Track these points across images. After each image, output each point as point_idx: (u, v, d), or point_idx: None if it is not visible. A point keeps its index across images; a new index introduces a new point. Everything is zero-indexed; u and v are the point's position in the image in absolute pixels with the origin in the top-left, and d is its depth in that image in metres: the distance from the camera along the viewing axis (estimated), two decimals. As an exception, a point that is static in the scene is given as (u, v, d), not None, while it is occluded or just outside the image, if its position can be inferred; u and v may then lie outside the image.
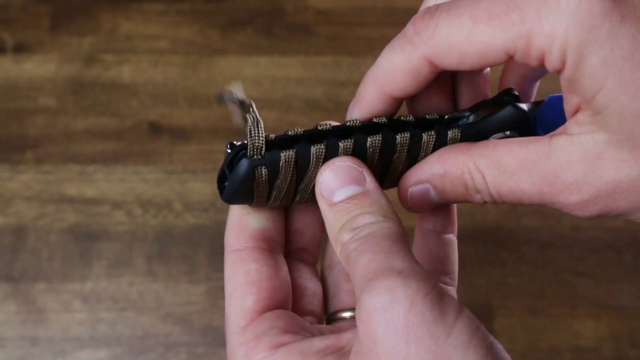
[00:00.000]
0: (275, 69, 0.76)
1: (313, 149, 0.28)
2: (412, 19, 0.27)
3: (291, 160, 0.28)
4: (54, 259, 0.69)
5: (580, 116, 0.25)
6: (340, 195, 0.27)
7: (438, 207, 0.32)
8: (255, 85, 0.75)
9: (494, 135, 0.29)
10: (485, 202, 0.28)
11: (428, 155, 0.29)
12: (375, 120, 0.29)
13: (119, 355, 0.66)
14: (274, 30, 0.78)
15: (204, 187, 0.70)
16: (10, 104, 0.74)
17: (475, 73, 0.31)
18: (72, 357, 0.66)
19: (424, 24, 0.26)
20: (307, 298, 0.30)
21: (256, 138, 0.28)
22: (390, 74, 0.28)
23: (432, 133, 0.29)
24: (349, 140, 0.29)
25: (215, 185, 0.30)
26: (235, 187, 0.28)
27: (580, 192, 0.25)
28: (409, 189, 0.30)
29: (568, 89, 0.25)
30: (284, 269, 0.29)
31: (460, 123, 0.30)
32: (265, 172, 0.28)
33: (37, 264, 0.68)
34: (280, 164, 0.28)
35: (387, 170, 0.30)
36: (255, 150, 0.28)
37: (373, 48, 0.76)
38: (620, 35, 0.23)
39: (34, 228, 0.69)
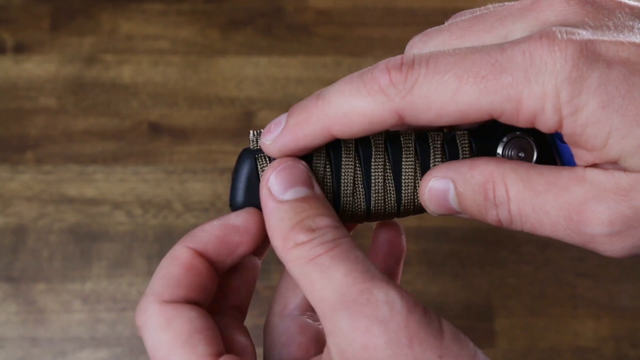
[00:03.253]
0: (275, 69, 0.76)
1: None
2: (384, 66, 0.25)
3: None
4: (54, 259, 0.69)
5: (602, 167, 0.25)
6: (291, 194, 0.26)
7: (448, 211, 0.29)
8: (255, 85, 0.75)
9: (505, 137, 0.29)
10: (499, 224, 0.27)
11: (439, 160, 0.29)
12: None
13: (119, 355, 0.66)
14: (274, 30, 0.78)
15: (204, 187, 0.70)
16: (10, 104, 0.74)
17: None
18: (72, 357, 0.66)
19: (402, 76, 0.25)
20: (237, 353, 0.28)
21: (256, 133, 0.28)
22: (346, 117, 0.26)
23: (439, 134, 0.29)
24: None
25: (215, 185, 0.30)
26: (241, 180, 0.28)
27: (611, 223, 0.24)
28: (432, 179, 0.28)
29: (576, 144, 0.25)
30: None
31: (466, 129, 0.29)
32: (267, 161, 0.28)
33: (37, 264, 0.68)
34: None
35: (400, 184, 0.29)
36: (254, 139, 0.28)
37: (373, 48, 0.76)
38: (612, 78, 0.23)
39: (34, 228, 0.69)
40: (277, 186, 0.26)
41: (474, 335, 0.67)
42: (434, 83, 0.24)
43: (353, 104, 0.26)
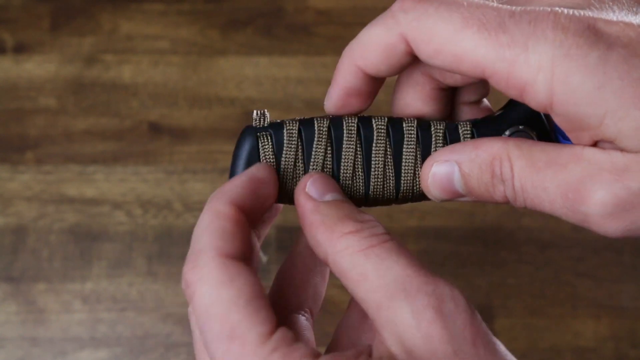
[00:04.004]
0: (275, 69, 0.76)
1: (316, 123, 0.28)
2: None
3: (294, 131, 0.28)
4: (54, 259, 0.69)
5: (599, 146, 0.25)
6: (330, 197, 0.27)
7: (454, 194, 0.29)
8: (255, 85, 0.75)
9: (508, 130, 0.29)
10: (505, 200, 0.27)
11: (440, 147, 0.29)
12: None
13: (119, 355, 0.66)
14: (274, 30, 0.78)
15: (204, 187, 0.70)
16: (10, 104, 0.74)
17: (475, 105, 0.31)
18: (72, 358, 0.66)
19: (413, 4, 0.26)
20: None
21: (259, 113, 0.29)
22: (365, 46, 0.27)
23: (441, 122, 0.29)
24: (353, 118, 0.29)
25: (215, 185, 0.30)
26: (241, 157, 0.28)
27: (604, 203, 0.24)
28: (434, 164, 0.28)
29: (569, 126, 0.25)
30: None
31: (469, 120, 0.29)
32: (268, 138, 0.28)
33: (37, 264, 0.68)
34: (284, 132, 0.28)
35: (399, 170, 0.29)
36: (259, 116, 0.28)
37: (373, 48, 0.76)
38: (611, 59, 0.23)
39: (34, 228, 0.69)
40: (315, 191, 0.27)
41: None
42: (440, 17, 0.25)
43: (370, 33, 0.27)
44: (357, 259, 0.24)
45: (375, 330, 0.25)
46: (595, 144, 0.25)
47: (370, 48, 0.27)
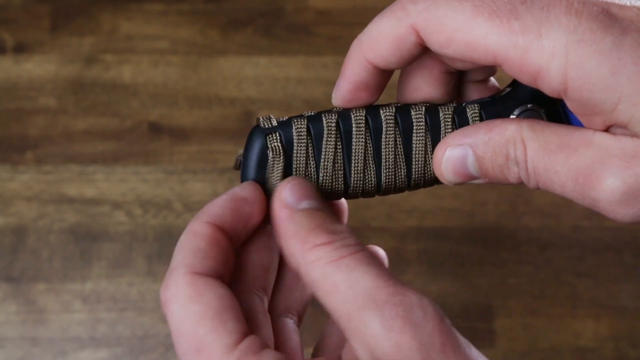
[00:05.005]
0: (275, 69, 0.76)
1: (324, 118, 0.28)
2: None
3: (303, 129, 0.28)
4: (54, 259, 0.69)
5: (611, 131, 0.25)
6: (305, 204, 0.26)
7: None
8: (255, 85, 0.75)
9: (516, 109, 0.29)
10: (519, 181, 0.27)
11: (450, 132, 0.29)
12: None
13: (119, 355, 0.66)
14: (274, 30, 0.78)
15: (204, 187, 0.70)
16: (10, 104, 0.74)
17: (482, 84, 0.31)
18: (72, 357, 0.66)
19: None
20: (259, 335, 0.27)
21: (265, 118, 0.29)
22: (375, 39, 0.27)
23: (449, 106, 0.29)
24: (361, 110, 0.29)
25: (215, 185, 0.30)
26: (252, 159, 0.28)
27: (613, 190, 0.24)
28: (448, 148, 0.28)
29: (582, 111, 0.25)
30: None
31: (476, 101, 0.29)
32: (277, 137, 0.28)
33: (37, 264, 0.68)
34: (293, 130, 0.28)
35: (410, 158, 0.29)
36: (265, 120, 0.28)
37: (373, 48, 0.76)
38: (625, 44, 0.23)
39: (34, 228, 0.69)
40: (291, 198, 0.26)
41: (473, 336, 0.67)
42: (451, 6, 0.25)
43: (379, 26, 0.27)
44: (328, 270, 0.24)
45: (346, 340, 0.25)
46: (607, 129, 0.25)
47: (380, 40, 0.27)
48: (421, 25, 0.26)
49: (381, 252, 0.33)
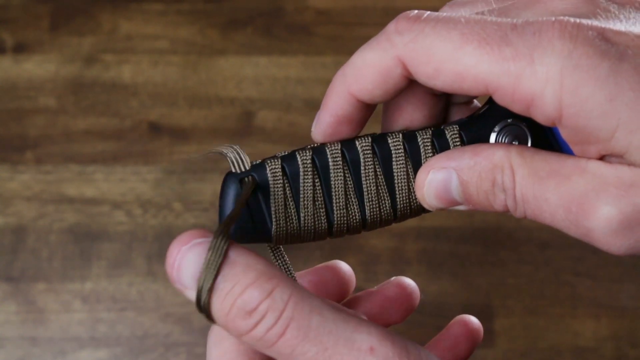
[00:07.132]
0: (275, 69, 0.76)
1: (298, 156, 0.27)
2: (396, 17, 0.25)
3: (277, 170, 0.27)
4: (54, 259, 0.69)
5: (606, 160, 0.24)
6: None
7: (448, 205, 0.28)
8: (255, 85, 0.75)
9: (497, 126, 0.28)
10: (505, 210, 0.26)
11: (430, 156, 0.28)
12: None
13: (119, 355, 0.66)
14: (274, 30, 0.78)
15: (204, 187, 0.70)
16: (10, 104, 0.74)
17: (466, 105, 0.30)
18: (72, 357, 0.66)
19: (408, 25, 0.25)
20: None
21: (235, 154, 0.27)
22: (359, 71, 0.26)
23: (427, 130, 0.28)
24: (336, 144, 0.28)
25: (215, 185, 0.30)
26: (227, 207, 0.26)
27: (609, 219, 0.23)
28: (431, 171, 0.27)
29: (577, 139, 0.24)
30: None
31: (454, 122, 0.28)
32: (252, 183, 0.26)
33: (37, 264, 0.68)
34: (267, 172, 0.27)
35: (393, 187, 0.28)
36: (237, 163, 0.27)
37: (373, 48, 0.76)
38: (622, 70, 0.22)
39: (34, 228, 0.69)
40: (183, 277, 0.23)
41: (473, 335, 0.67)
42: (438, 36, 0.24)
43: (364, 57, 0.26)
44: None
45: None
46: (601, 158, 0.24)
47: (365, 73, 0.26)
48: (408, 57, 0.25)
49: (345, 267, 0.33)
